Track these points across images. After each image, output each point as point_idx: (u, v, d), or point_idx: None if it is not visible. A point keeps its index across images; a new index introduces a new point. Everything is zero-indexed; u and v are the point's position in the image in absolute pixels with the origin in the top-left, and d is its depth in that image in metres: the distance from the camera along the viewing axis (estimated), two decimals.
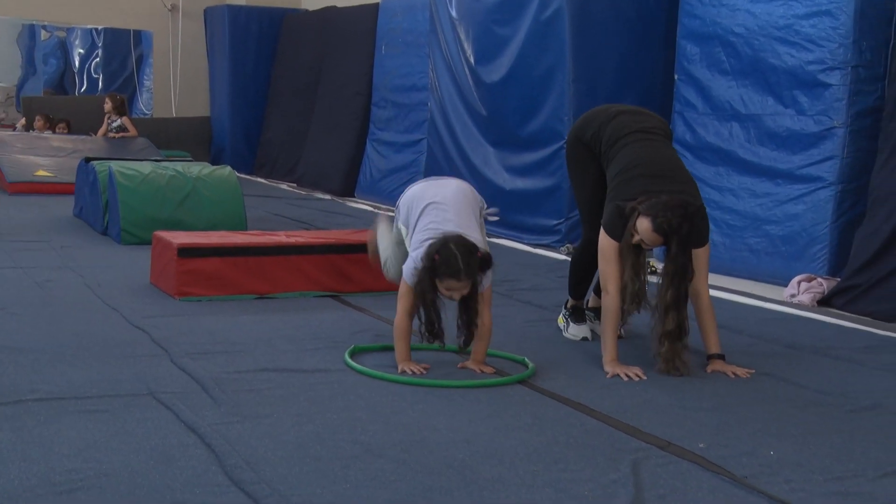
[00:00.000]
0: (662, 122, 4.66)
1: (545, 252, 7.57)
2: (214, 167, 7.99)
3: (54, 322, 4.69)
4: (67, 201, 8.89)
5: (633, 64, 7.65)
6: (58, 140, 11.53)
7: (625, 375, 4.06)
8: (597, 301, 4.84)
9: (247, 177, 12.91)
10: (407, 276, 4.02)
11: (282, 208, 9.80)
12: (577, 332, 4.77)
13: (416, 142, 10.29)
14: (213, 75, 14.33)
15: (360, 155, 11.38)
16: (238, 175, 8.09)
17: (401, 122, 10.67)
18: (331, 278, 5.60)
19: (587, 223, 4.65)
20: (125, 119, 11.98)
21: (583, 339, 4.72)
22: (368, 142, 11.29)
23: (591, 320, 4.82)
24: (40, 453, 2.94)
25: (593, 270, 4.65)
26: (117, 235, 7.22)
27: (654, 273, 4.55)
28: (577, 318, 4.80)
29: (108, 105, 12.01)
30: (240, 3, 13.83)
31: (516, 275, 6.47)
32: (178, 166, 7.79)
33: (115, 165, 7.51)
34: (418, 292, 3.96)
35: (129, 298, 5.28)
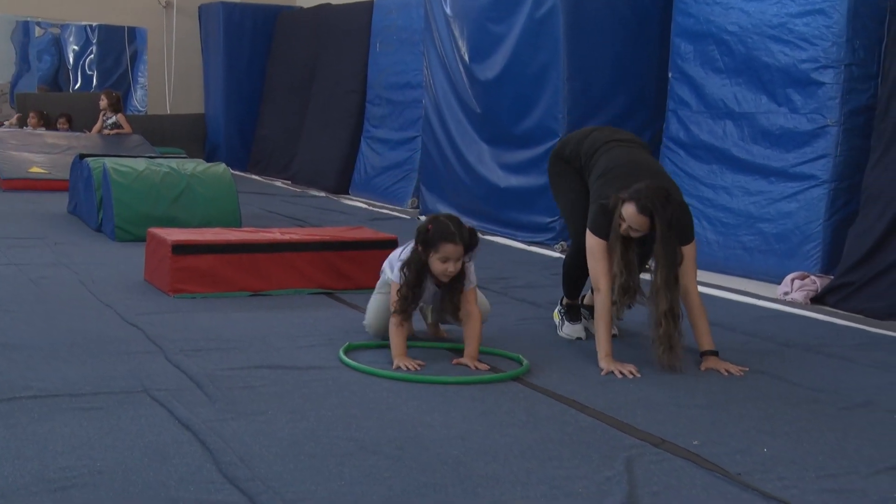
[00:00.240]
0: (636, 136, 4.92)
1: (539, 249, 7.58)
2: (209, 164, 7.99)
3: (48, 319, 4.68)
4: (62, 198, 8.88)
5: (628, 62, 7.66)
6: (52, 137, 11.50)
7: (619, 372, 4.11)
8: (592, 298, 4.85)
9: (241, 174, 12.90)
10: (396, 276, 4.19)
11: (276, 205, 9.79)
12: (572, 331, 4.77)
13: (411, 139, 10.29)
14: (208, 72, 14.32)
15: (355, 152, 11.38)
16: (232, 172, 8.09)
17: (395, 119, 10.67)
18: (325, 275, 5.60)
19: (574, 229, 4.70)
20: (120, 116, 11.95)
21: (577, 339, 4.73)
22: (363, 139, 11.29)
23: (587, 318, 4.83)
24: (34, 451, 2.94)
25: (585, 274, 4.66)
26: (111, 232, 7.21)
27: (648, 271, 4.56)
28: (572, 317, 4.81)
29: (104, 102, 11.98)
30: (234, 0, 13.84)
31: (510, 272, 6.48)
32: (173, 163, 7.78)
33: (110, 162, 7.50)
34: (408, 270, 4.14)
35: (124, 295, 5.28)
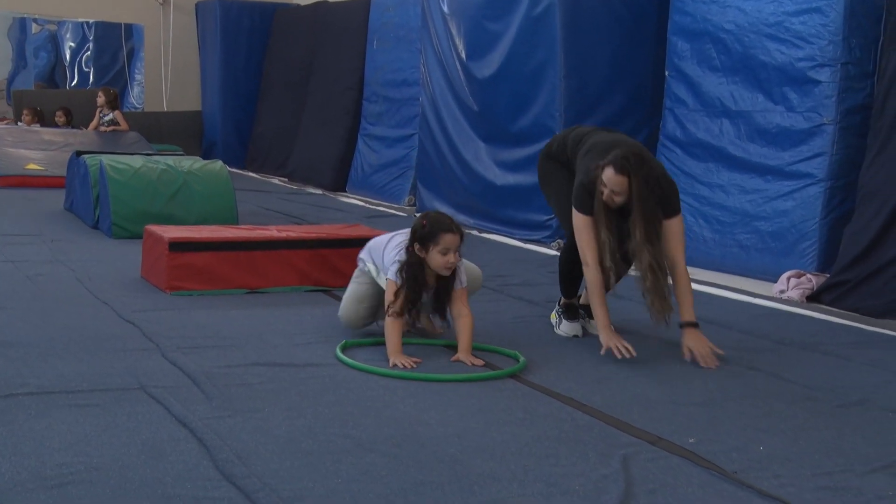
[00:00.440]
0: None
1: (536, 247, 7.58)
2: (206, 161, 7.98)
3: (45, 316, 4.68)
4: (58, 195, 8.87)
5: (624, 60, 7.66)
6: (49, 133, 11.47)
7: (616, 350, 4.20)
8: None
9: (238, 171, 12.89)
10: (393, 276, 4.21)
11: (273, 203, 9.79)
12: (569, 329, 4.78)
13: (408, 137, 10.28)
14: (205, 69, 14.30)
15: (352, 150, 11.38)
16: (229, 169, 8.09)
17: (392, 116, 10.66)
18: (322, 273, 5.60)
19: (567, 225, 4.72)
20: (117, 113, 11.93)
21: (574, 337, 4.74)
22: (360, 137, 11.28)
23: (584, 318, 4.84)
24: (31, 447, 2.94)
25: (581, 269, 4.68)
26: (108, 229, 7.21)
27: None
28: (570, 316, 4.81)
29: (101, 99, 11.95)
30: None
31: (507, 270, 6.48)
32: (170, 160, 7.77)
33: (106, 159, 7.50)
34: (407, 274, 4.18)
35: (120, 292, 5.28)
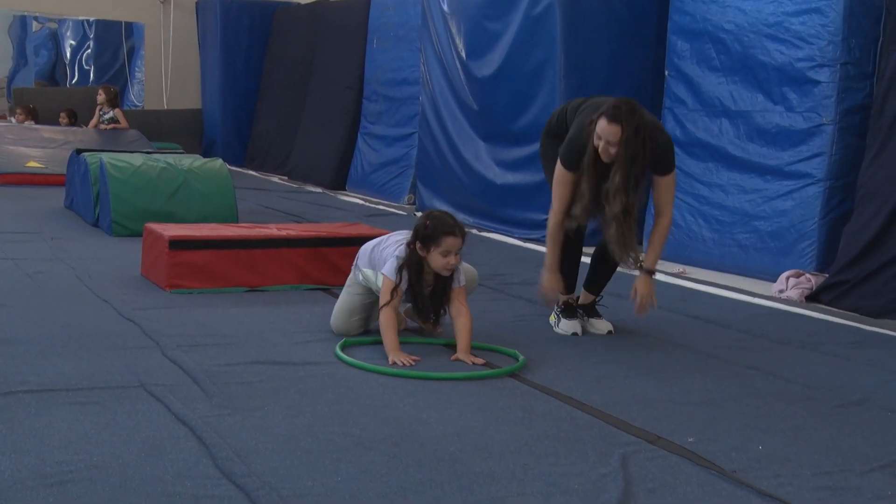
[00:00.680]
0: None
1: (535, 246, 7.57)
2: (206, 159, 7.98)
3: (45, 314, 4.68)
4: (58, 193, 8.87)
5: (624, 60, 7.66)
6: (49, 131, 11.48)
7: (547, 295, 4.57)
8: (587, 298, 4.87)
9: (238, 169, 12.90)
10: (389, 272, 4.22)
11: (273, 201, 9.79)
12: (568, 327, 4.78)
13: (408, 136, 10.29)
14: (205, 68, 14.31)
15: (352, 148, 11.39)
16: (229, 168, 8.09)
17: (392, 115, 10.67)
18: (322, 271, 5.61)
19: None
20: (117, 111, 11.93)
21: (573, 335, 4.74)
22: (360, 135, 11.29)
23: (582, 316, 4.85)
24: (31, 445, 2.94)
25: (577, 258, 4.73)
26: (108, 227, 7.21)
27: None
28: (568, 314, 4.82)
29: (102, 97, 11.95)
30: None
31: (507, 269, 6.48)
32: (170, 158, 7.78)
33: (107, 157, 7.50)
34: (409, 271, 4.18)
35: (120, 290, 5.28)
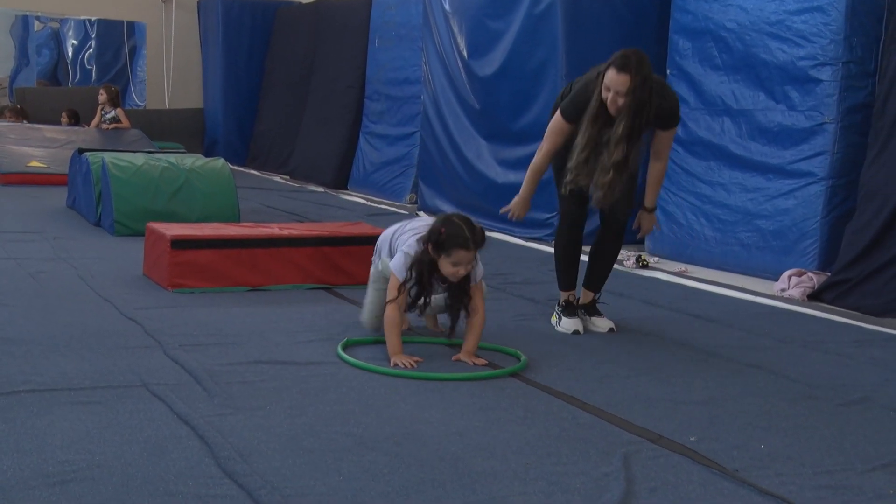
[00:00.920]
0: None
1: (537, 245, 7.59)
2: (207, 159, 7.99)
3: (47, 313, 4.68)
4: (60, 192, 8.88)
5: None
6: (51, 131, 11.49)
7: (513, 210, 4.77)
8: (587, 297, 4.88)
9: (240, 169, 12.90)
10: (396, 269, 4.10)
11: (275, 200, 9.80)
12: (569, 325, 4.78)
13: (409, 135, 10.29)
14: (207, 67, 14.31)
15: (353, 148, 11.39)
16: (231, 167, 8.09)
17: (394, 115, 10.67)
18: (324, 270, 5.61)
19: (558, 182, 4.74)
20: (119, 110, 11.94)
21: (574, 333, 4.74)
22: (361, 134, 11.29)
23: (583, 315, 4.85)
24: (33, 445, 2.95)
25: (577, 251, 4.73)
26: (110, 227, 7.21)
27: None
28: (569, 313, 4.82)
29: (103, 96, 11.96)
30: None
31: (508, 268, 6.49)
32: (172, 158, 7.78)
33: (109, 157, 7.50)
34: (416, 271, 4.07)
35: (122, 290, 5.28)
